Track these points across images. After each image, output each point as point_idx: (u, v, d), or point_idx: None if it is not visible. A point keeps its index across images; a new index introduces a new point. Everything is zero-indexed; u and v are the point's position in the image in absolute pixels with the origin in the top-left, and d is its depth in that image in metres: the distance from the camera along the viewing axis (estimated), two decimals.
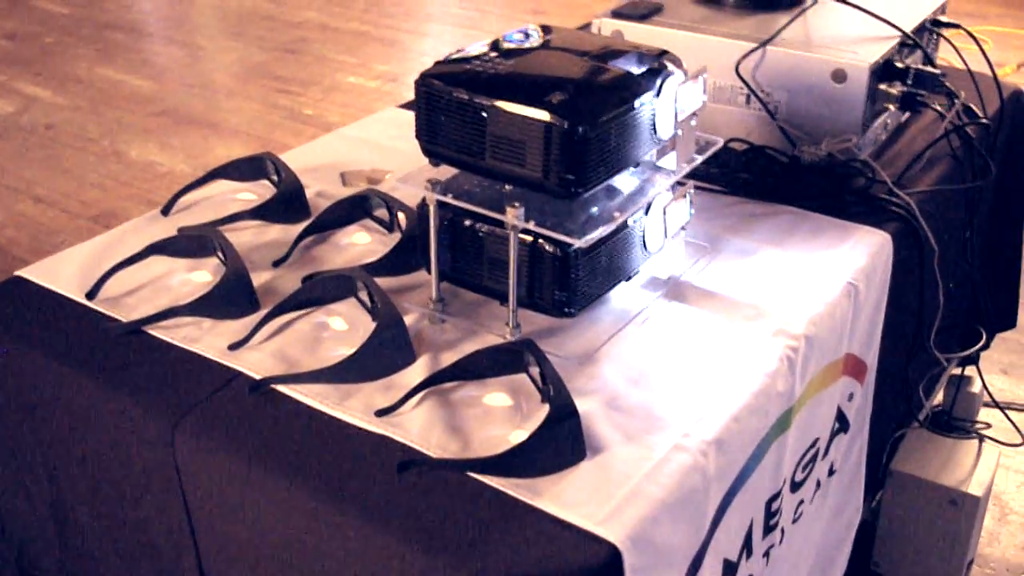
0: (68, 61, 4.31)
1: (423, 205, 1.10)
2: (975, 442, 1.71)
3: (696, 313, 1.13)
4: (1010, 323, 1.95)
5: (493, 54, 1.07)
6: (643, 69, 1.07)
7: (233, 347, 1.07)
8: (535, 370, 1.00)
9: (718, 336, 1.09)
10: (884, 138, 1.54)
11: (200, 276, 1.20)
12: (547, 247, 1.03)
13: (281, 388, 1.01)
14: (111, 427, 1.02)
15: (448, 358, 1.05)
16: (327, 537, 0.89)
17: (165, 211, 1.34)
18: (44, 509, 1.13)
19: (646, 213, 1.09)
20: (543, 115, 0.98)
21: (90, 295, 1.15)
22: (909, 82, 1.47)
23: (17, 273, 1.21)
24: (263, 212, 1.31)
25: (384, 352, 1.03)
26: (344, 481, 0.90)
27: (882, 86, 1.45)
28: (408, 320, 1.07)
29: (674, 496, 0.89)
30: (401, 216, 1.25)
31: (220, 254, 1.18)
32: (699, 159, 1.15)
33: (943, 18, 1.62)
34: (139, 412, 1.00)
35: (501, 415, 0.98)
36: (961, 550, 1.64)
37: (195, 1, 5.16)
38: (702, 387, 1.01)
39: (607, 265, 1.09)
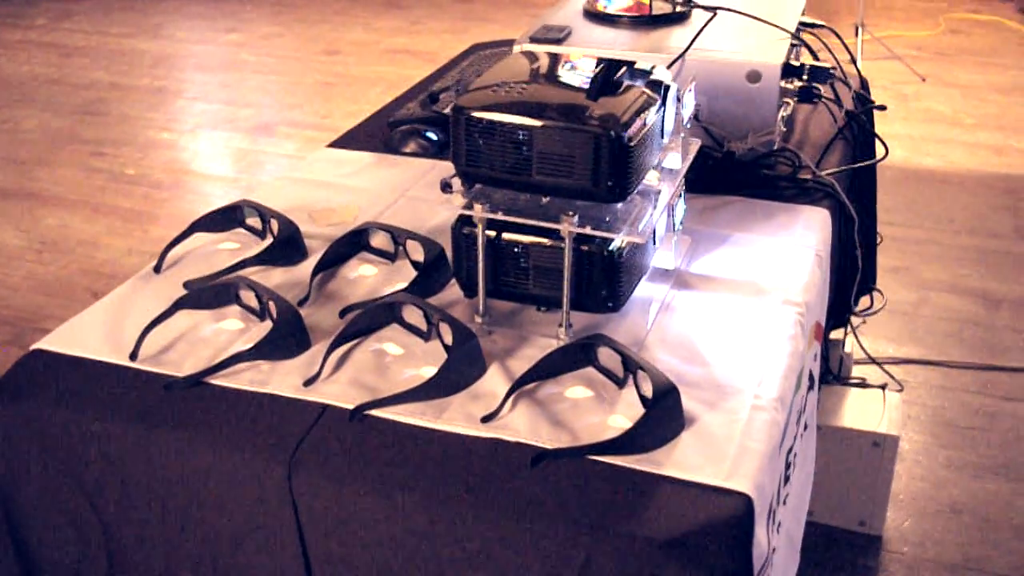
0: None
1: (460, 225, 1.17)
2: (878, 391, 1.93)
3: (709, 296, 1.25)
4: (873, 283, 2.21)
5: (511, 81, 1.15)
6: (645, 81, 1.18)
7: (308, 383, 1.09)
8: (608, 358, 1.08)
9: (737, 312, 1.22)
10: (785, 130, 1.73)
11: (231, 324, 1.21)
12: (595, 249, 1.12)
13: (376, 413, 1.05)
14: (216, 480, 1.02)
15: (514, 364, 1.13)
16: (469, 540, 0.94)
17: (157, 268, 1.34)
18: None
19: (672, 211, 1.21)
20: (591, 129, 1.07)
21: (133, 356, 1.14)
22: (804, 77, 1.66)
23: (35, 346, 1.18)
24: (265, 257, 1.33)
25: (464, 366, 1.09)
26: (472, 484, 0.96)
27: (783, 83, 1.63)
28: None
29: (768, 448, 1.01)
30: (415, 245, 1.30)
31: (255, 300, 1.20)
32: (691, 156, 1.28)
33: (806, 19, 1.84)
34: (244, 459, 1.01)
35: (589, 405, 1.06)
36: (884, 486, 1.85)
37: None
38: (747, 355, 1.13)
39: (638, 262, 1.19)
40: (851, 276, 1.69)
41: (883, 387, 1.92)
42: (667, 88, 1.19)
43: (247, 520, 1.03)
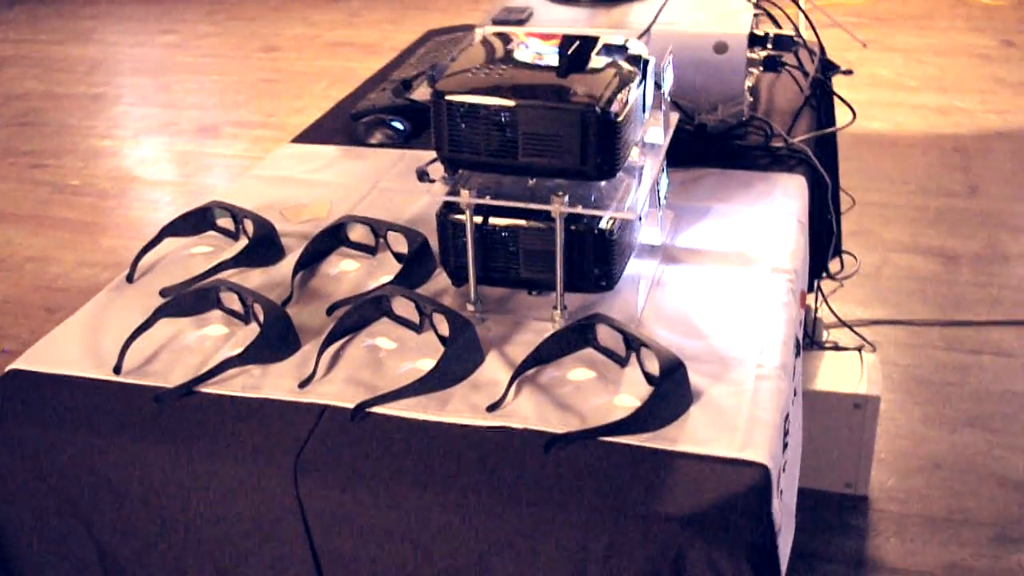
0: None
1: (445, 212, 1.15)
2: (854, 353, 1.94)
3: (698, 269, 1.24)
4: (839, 249, 2.22)
5: (486, 64, 1.13)
6: (623, 56, 1.17)
7: (303, 384, 1.07)
8: (607, 337, 1.07)
9: (729, 283, 1.21)
10: (752, 99, 1.72)
11: (214, 330, 1.18)
12: (585, 229, 1.11)
13: (378, 410, 1.03)
14: (218, 491, 0.99)
15: (511, 350, 1.11)
16: (488, 531, 0.93)
17: (130, 278, 1.30)
18: None
19: (657, 186, 1.19)
20: (577, 106, 1.05)
21: (116, 369, 1.11)
22: (769, 46, 1.66)
23: (12, 367, 1.14)
24: (242, 258, 1.29)
25: (463, 356, 1.07)
26: (486, 475, 0.94)
27: (749, 53, 1.63)
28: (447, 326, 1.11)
29: (777, 417, 1.00)
30: (396, 236, 1.27)
31: (238, 303, 1.17)
32: (671, 130, 1.26)
33: None
34: (247, 468, 0.98)
35: (592, 386, 1.05)
36: (868, 447, 1.87)
37: None
38: (745, 325, 1.13)
39: (628, 239, 1.18)
40: (823, 241, 1.69)
41: (859, 349, 1.93)
42: (646, 62, 1.18)
43: (253, 529, 1.00)
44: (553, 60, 1.14)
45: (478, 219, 1.13)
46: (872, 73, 3.99)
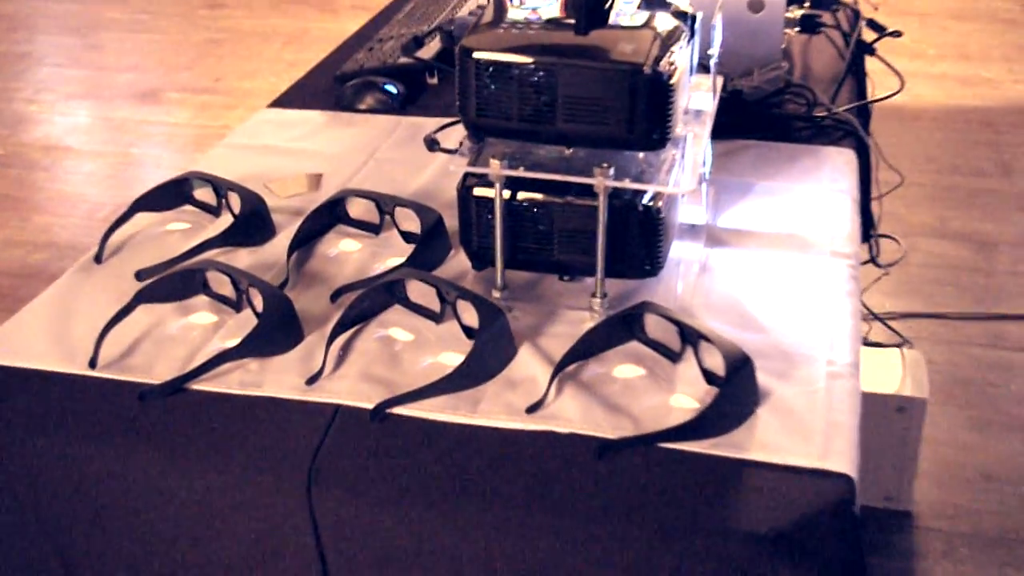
0: None
1: (466, 187, 1.11)
2: (894, 350, 1.93)
3: (749, 253, 1.22)
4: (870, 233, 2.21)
5: (520, 21, 1.10)
6: (667, 12, 1.14)
7: (311, 381, 1.03)
8: (657, 328, 1.04)
9: (785, 268, 1.19)
10: (787, 64, 1.70)
11: (201, 318, 1.14)
12: (629, 206, 1.08)
13: (400, 410, 0.99)
14: (216, 503, 0.96)
15: (545, 343, 1.08)
16: (533, 550, 0.90)
17: (98, 258, 1.25)
18: None
19: (705, 159, 1.17)
20: (624, 66, 1.02)
21: (92, 363, 1.06)
22: (806, 4, 1.64)
23: None
24: (228, 237, 1.25)
25: (495, 349, 1.04)
26: (529, 485, 0.91)
27: (786, 13, 1.61)
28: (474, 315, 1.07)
29: (855, 421, 0.98)
30: (405, 213, 1.24)
31: (229, 287, 1.13)
32: (719, 95, 1.24)
33: None
34: (251, 476, 0.94)
35: (643, 385, 1.02)
36: (912, 456, 1.86)
37: None
38: (809, 317, 1.11)
39: (672, 218, 1.15)
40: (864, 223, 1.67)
41: (900, 346, 1.92)
42: (693, 18, 1.15)
43: (256, 550, 0.97)
44: (594, 16, 1.11)
45: (506, 194, 1.09)
46: (884, 40, 4.00)
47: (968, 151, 3.21)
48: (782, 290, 1.15)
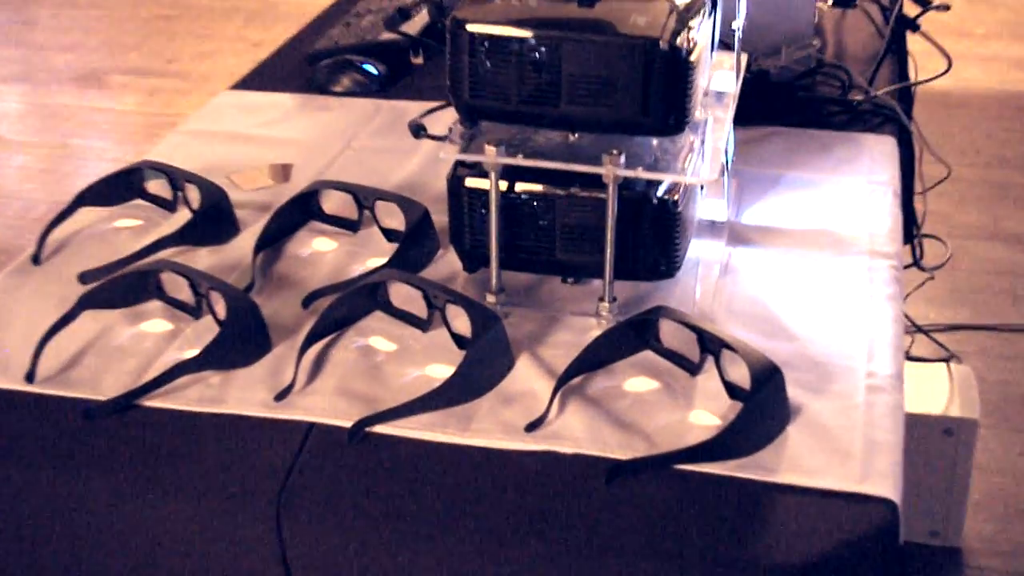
0: None
1: (457, 177, 1.12)
2: (941, 365, 1.94)
3: (775, 252, 1.23)
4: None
5: None
6: None
7: (280, 396, 1.04)
8: (674, 337, 1.05)
9: (817, 270, 1.20)
10: (819, 42, 1.72)
11: (155, 325, 1.15)
12: (642, 198, 1.09)
13: (381, 429, 1.00)
14: (173, 535, 0.96)
15: (545, 353, 1.09)
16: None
17: (36, 259, 1.26)
18: None
19: (727, 147, 1.18)
20: (638, 41, 1.03)
21: (29, 377, 1.07)
22: None
23: None
24: (187, 234, 1.26)
25: (489, 360, 1.05)
26: (529, 512, 0.92)
27: None
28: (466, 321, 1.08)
29: (898, 439, 0.99)
30: (387, 207, 1.24)
31: (187, 291, 1.13)
32: (743, 75, 1.25)
33: None
34: (213, 503, 0.95)
35: (658, 400, 1.03)
36: (961, 485, 1.87)
37: None
38: (845, 324, 1.11)
39: (691, 213, 1.16)
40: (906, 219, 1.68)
41: (947, 360, 1.93)
42: None
43: None
44: None
45: (503, 185, 1.10)
46: (930, 16, 4.02)
47: (1022, 142, 3.23)
48: (814, 294, 1.16)
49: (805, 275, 1.19)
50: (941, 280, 2.48)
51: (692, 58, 1.05)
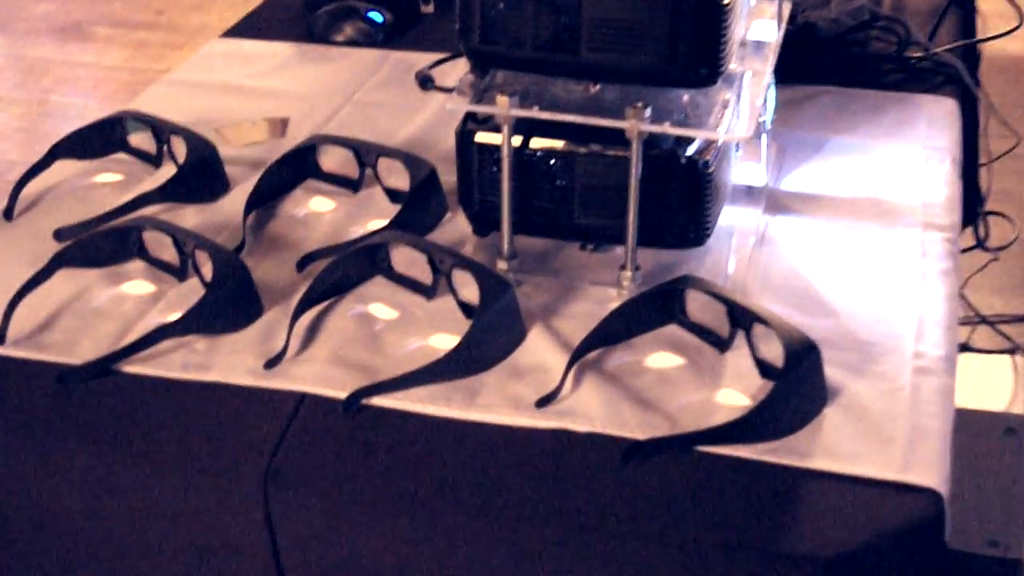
0: None
1: (467, 131, 1.14)
2: (1004, 357, 1.95)
3: (817, 222, 1.24)
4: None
5: None
6: None
7: (270, 364, 1.06)
8: (702, 310, 1.07)
9: (863, 241, 1.21)
10: None
11: (136, 287, 1.17)
12: (670, 156, 1.10)
13: (379, 401, 1.02)
14: (151, 508, 0.99)
15: (561, 325, 1.11)
16: (534, 570, 0.92)
17: (8, 214, 1.28)
18: None
19: (765, 101, 1.19)
20: None
21: (0, 338, 1.09)
22: None
23: None
24: (172, 191, 1.28)
25: (499, 330, 1.07)
26: (537, 495, 0.93)
27: None
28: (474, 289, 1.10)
29: (947, 426, 1.00)
30: (391, 165, 1.26)
31: (171, 250, 1.16)
32: (785, 24, 1.26)
33: None
34: (196, 476, 0.97)
35: (683, 377, 1.05)
36: (1023, 489, 1.88)
37: None
38: (893, 300, 1.13)
39: (724, 176, 1.18)
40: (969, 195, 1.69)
41: (1011, 352, 1.94)
42: None
43: (201, 561, 1.00)
44: None
45: (516, 140, 1.12)
46: None
47: None
48: (859, 268, 1.18)
49: (850, 247, 1.21)
50: (1007, 263, 2.48)
51: (726, 1, 1.06)
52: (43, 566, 1.04)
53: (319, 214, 1.28)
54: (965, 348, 2.00)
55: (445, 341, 1.08)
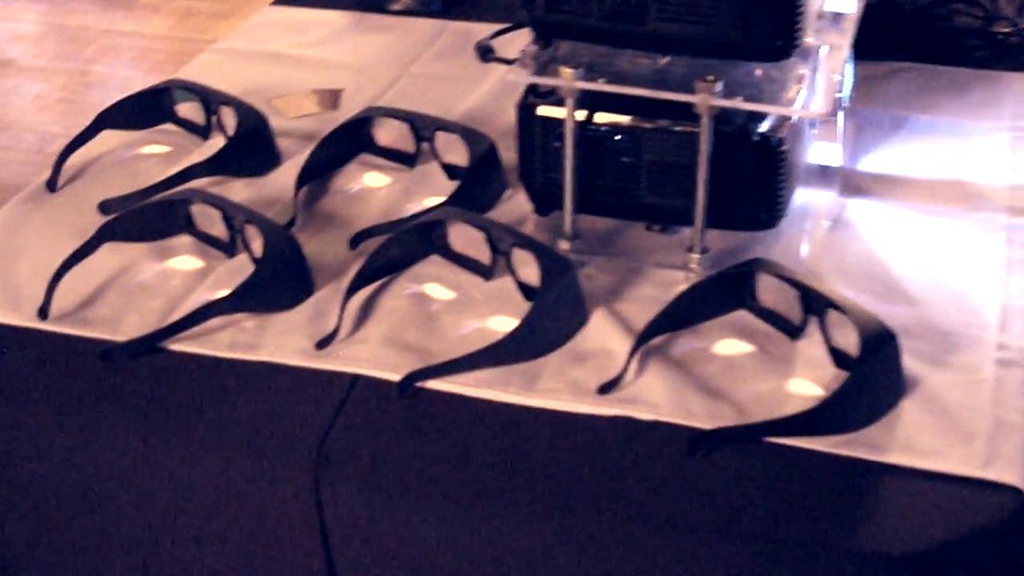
0: None
1: (528, 105, 1.14)
2: None
3: (896, 205, 1.24)
4: None
5: None
6: None
7: (322, 344, 1.07)
8: (773, 295, 1.06)
9: (944, 226, 1.21)
10: None
11: (184, 262, 1.19)
12: (743, 134, 1.10)
13: (435, 384, 1.02)
14: (197, 492, 1.00)
15: (624, 308, 1.11)
16: (597, 563, 0.92)
17: (51, 185, 1.30)
18: None
19: (842, 77, 1.19)
20: None
21: (43, 313, 1.10)
22: None
23: None
24: (221, 163, 1.29)
25: (560, 313, 1.07)
26: (599, 484, 0.94)
27: None
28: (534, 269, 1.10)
29: None
30: (449, 139, 1.26)
31: (220, 225, 1.17)
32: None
33: None
34: (243, 460, 0.98)
35: (752, 365, 1.04)
36: None
37: None
38: (974, 289, 1.12)
39: (799, 155, 1.17)
40: None
41: None
42: None
43: (248, 545, 1.01)
44: None
45: (580, 115, 1.12)
46: None
47: None
48: (940, 254, 1.17)
49: (930, 232, 1.20)
50: None
51: None
52: (85, 544, 1.06)
53: (373, 190, 1.28)
54: None
55: (504, 323, 1.08)
